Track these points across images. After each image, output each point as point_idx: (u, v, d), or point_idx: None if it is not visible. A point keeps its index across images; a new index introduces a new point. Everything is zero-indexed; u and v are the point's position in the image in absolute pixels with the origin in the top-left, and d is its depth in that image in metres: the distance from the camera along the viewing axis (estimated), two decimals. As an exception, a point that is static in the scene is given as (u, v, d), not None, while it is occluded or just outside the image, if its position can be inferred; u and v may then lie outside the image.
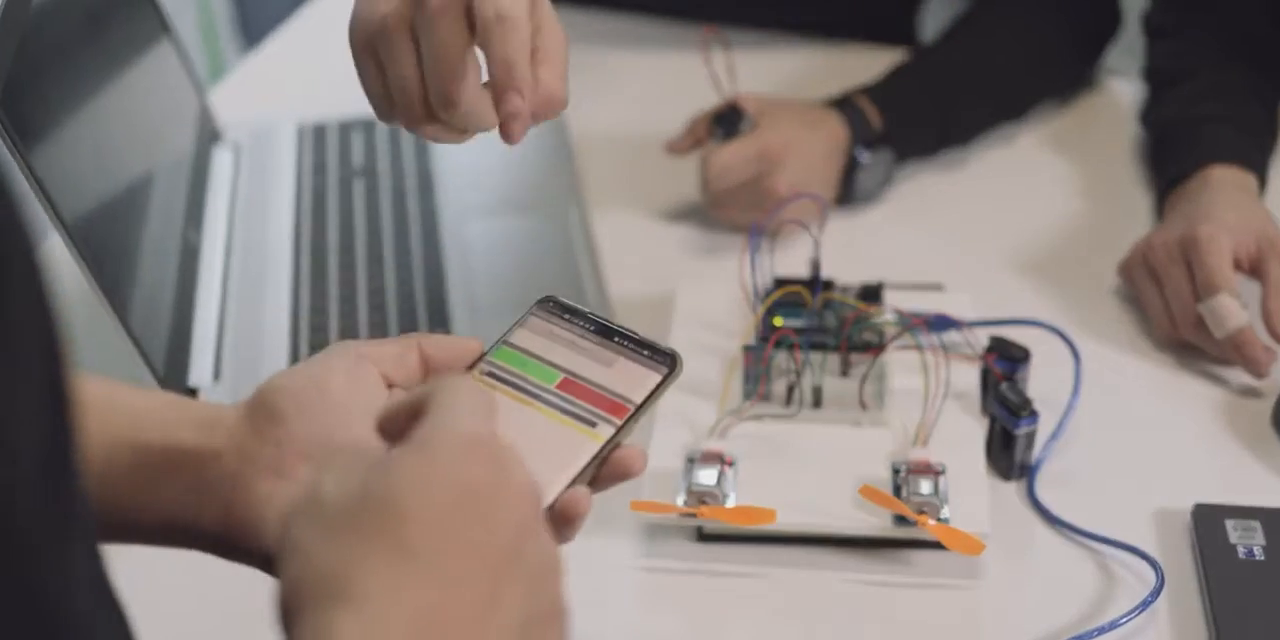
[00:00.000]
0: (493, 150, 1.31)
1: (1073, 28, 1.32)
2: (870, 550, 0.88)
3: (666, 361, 0.61)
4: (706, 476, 0.88)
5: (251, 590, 0.61)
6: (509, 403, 0.60)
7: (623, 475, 0.60)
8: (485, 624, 0.46)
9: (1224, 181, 1.09)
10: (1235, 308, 1.00)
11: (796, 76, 1.39)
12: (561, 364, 0.62)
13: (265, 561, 0.59)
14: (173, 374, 0.99)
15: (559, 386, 0.61)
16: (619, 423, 0.60)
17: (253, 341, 1.06)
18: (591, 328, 0.63)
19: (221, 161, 1.26)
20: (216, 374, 1.02)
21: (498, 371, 0.62)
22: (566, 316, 0.63)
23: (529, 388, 0.61)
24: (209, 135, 1.27)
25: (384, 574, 0.45)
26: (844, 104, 1.20)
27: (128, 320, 0.92)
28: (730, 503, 0.87)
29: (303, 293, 1.11)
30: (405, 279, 1.12)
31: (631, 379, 0.61)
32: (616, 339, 0.62)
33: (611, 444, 0.59)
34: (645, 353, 0.62)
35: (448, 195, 1.23)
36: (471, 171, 1.27)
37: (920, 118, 1.22)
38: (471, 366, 0.62)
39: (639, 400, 0.60)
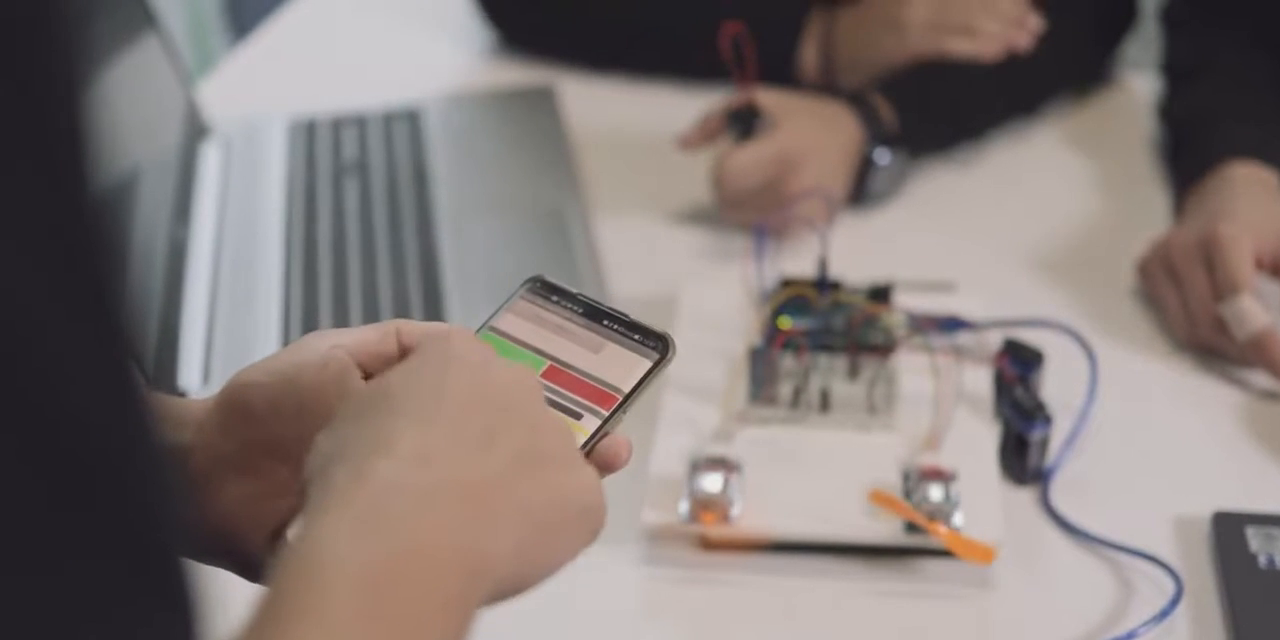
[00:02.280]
0: (489, 147, 1.32)
1: (1089, 20, 1.33)
2: (879, 558, 0.89)
3: (658, 346, 0.60)
4: (710, 483, 0.88)
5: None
6: None
7: (607, 468, 0.58)
8: (474, 456, 0.52)
9: (1244, 178, 1.09)
10: (1257, 309, 1.00)
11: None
12: (548, 351, 0.60)
13: (241, 565, 0.59)
14: (161, 376, 0.99)
15: (544, 376, 0.60)
16: (605, 414, 0.58)
17: (243, 343, 1.06)
18: (580, 310, 0.61)
19: (210, 158, 1.27)
20: (205, 376, 1.02)
21: None
22: (555, 298, 0.62)
23: None
24: (197, 131, 1.28)
25: (372, 436, 0.52)
26: (858, 100, 1.20)
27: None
28: (735, 510, 0.87)
29: (294, 292, 1.11)
30: (400, 278, 1.12)
31: (620, 366, 0.60)
32: (606, 322, 0.61)
33: (598, 436, 0.58)
34: (636, 337, 0.60)
35: (444, 192, 1.23)
36: (468, 168, 1.27)
37: (934, 113, 1.23)
38: None
39: (627, 389, 0.59)
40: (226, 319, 1.08)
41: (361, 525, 0.49)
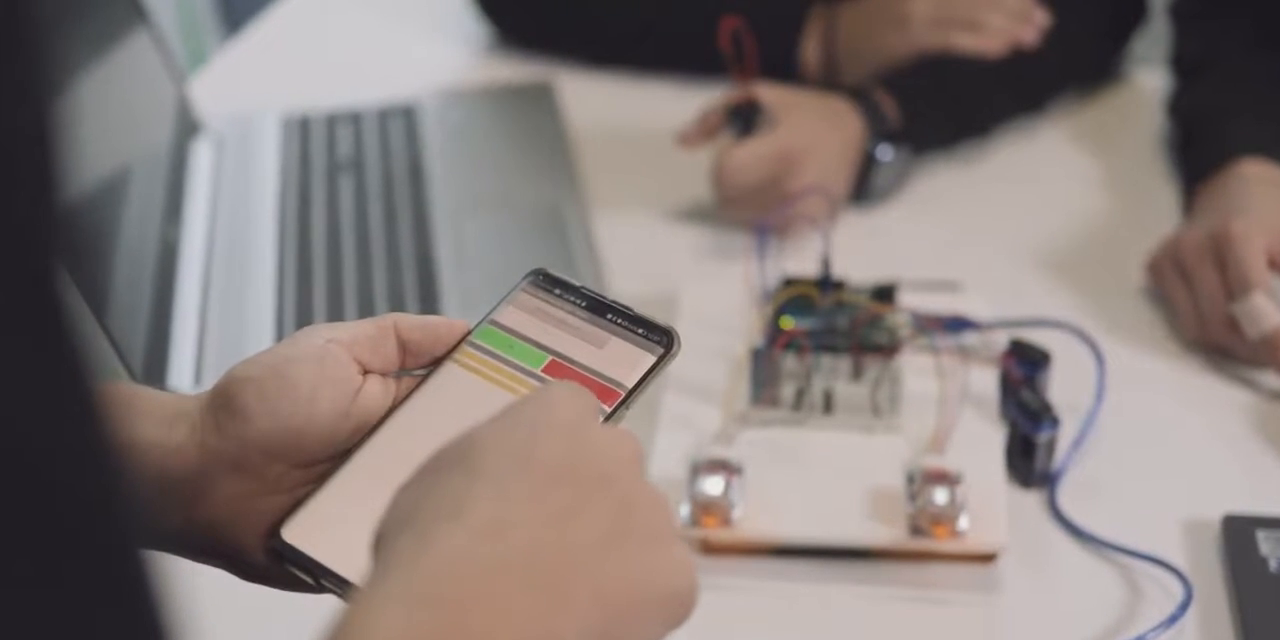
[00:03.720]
0: (486, 144, 1.32)
1: (1097, 16, 1.33)
2: (883, 562, 0.89)
3: (662, 341, 0.59)
4: (711, 485, 0.88)
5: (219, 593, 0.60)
6: (492, 389, 0.59)
7: None
8: (553, 529, 0.48)
9: (1255, 176, 1.09)
10: (1270, 308, 1.00)
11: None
12: (550, 345, 0.60)
13: (236, 564, 0.59)
14: (151, 377, 0.99)
15: (546, 370, 0.59)
16: (608, 411, 0.58)
17: (235, 343, 1.06)
18: (584, 303, 0.61)
19: (201, 155, 1.27)
20: (197, 377, 1.02)
21: (482, 354, 0.60)
22: (558, 291, 0.61)
23: (514, 373, 0.59)
24: (188, 127, 1.28)
25: (445, 497, 0.49)
26: (861, 96, 1.20)
27: (104, 321, 0.92)
28: (736, 513, 0.87)
29: (287, 292, 1.11)
30: (395, 278, 1.12)
31: (624, 361, 0.59)
32: (610, 316, 0.60)
33: None
34: (640, 331, 0.60)
35: (440, 190, 1.23)
36: (465, 165, 1.27)
37: (938, 109, 1.23)
38: (454, 349, 0.60)
39: (630, 385, 0.59)
40: (219, 319, 1.08)
41: (417, 600, 0.46)
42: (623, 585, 0.49)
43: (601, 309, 0.61)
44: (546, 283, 0.62)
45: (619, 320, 0.60)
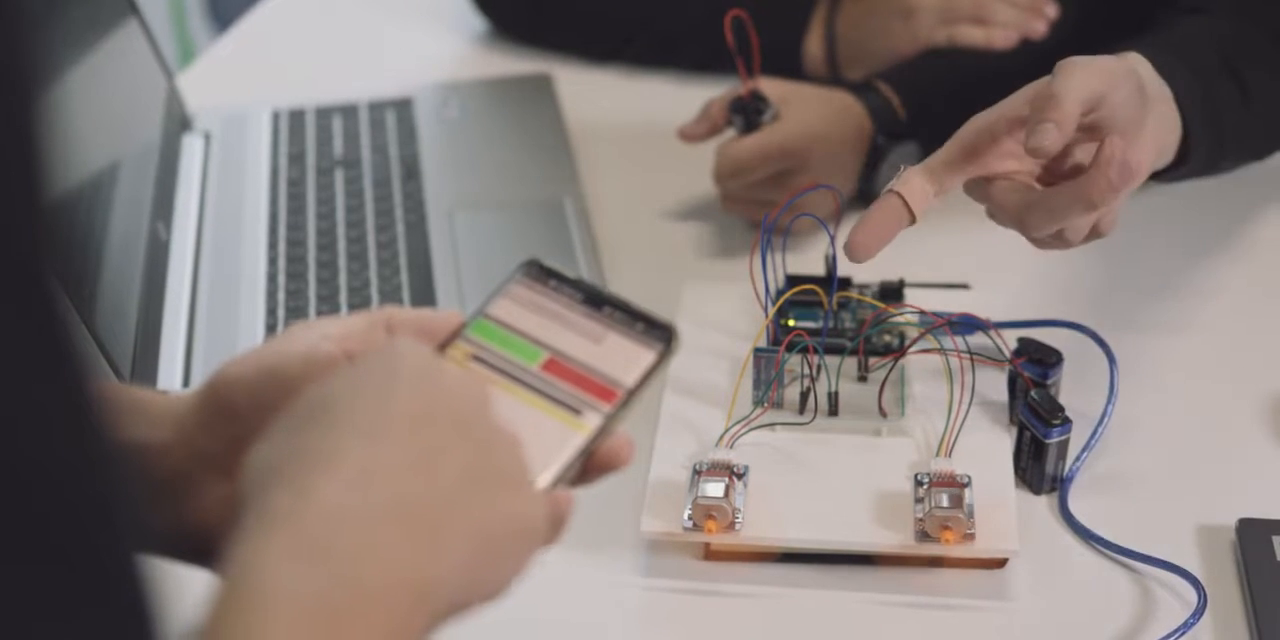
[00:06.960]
0: (483, 137, 1.32)
1: (1107, 8, 1.32)
2: (890, 568, 0.88)
3: (662, 337, 0.59)
4: (713, 489, 0.87)
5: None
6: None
7: (608, 467, 0.58)
8: (420, 474, 0.52)
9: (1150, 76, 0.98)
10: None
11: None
12: (546, 340, 0.59)
13: None
14: (139, 377, 0.98)
15: (543, 367, 0.59)
16: (608, 411, 0.58)
17: (225, 344, 1.05)
18: (580, 297, 0.60)
19: (192, 150, 1.27)
20: (186, 379, 1.02)
21: (476, 350, 0.59)
22: (553, 284, 0.61)
23: (509, 369, 0.59)
24: (178, 122, 1.27)
25: (314, 451, 0.51)
26: (867, 90, 1.20)
27: (90, 321, 0.92)
28: (740, 517, 0.87)
29: (279, 291, 1.11)
30: (390, 276, 1.12)
31: (623, 358, 0.59)
32: (607, 310, 0.60)
33: (600, 434, 0.57)
34: (639, 327, 0.59)
35: (435, 186, 1.23)
36: (461, 160, 1.27)
37: (945, 104, 1.22)
38: (446, 343, 0.60)
39: (631, 384, 0.58)
40: (208, 318, 1.08)
41: (304, 555, 0.48)
42: (487, 523, 0.52)
43: (598, 302, 0.60)
44: (541, 274, 0.61)
45: (617, 314, 0.60)
